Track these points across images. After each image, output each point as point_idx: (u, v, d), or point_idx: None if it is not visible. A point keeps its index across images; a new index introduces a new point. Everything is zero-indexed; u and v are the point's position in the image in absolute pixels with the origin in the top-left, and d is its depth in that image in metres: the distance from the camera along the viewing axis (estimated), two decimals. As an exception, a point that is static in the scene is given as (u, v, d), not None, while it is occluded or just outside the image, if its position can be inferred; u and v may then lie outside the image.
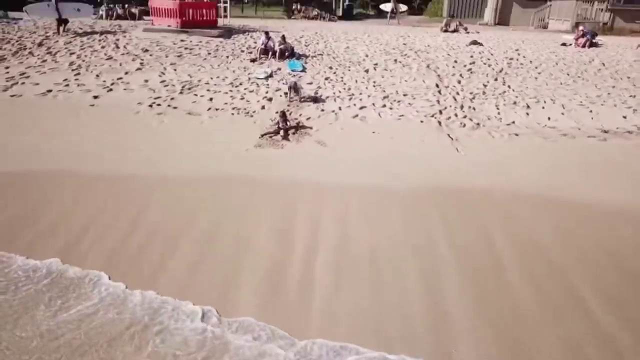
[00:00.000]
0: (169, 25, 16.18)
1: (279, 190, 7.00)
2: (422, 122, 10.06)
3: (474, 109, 10.78)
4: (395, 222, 6.23)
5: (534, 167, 8.16)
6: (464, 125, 9.93)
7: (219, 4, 19.21)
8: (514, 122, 10.14)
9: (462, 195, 7.03)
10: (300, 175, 7.55)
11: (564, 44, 16.84)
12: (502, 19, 27.11)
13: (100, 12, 21.27)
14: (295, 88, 10.77)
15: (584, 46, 16.28)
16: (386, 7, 27.80)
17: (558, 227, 6.20)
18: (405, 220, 6.26)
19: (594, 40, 16.72)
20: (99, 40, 14.92)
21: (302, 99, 10.73)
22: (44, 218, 6.04)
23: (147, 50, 14.00)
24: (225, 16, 19.44)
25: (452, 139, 9.32)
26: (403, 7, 28.78)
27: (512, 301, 4.77)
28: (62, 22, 15.63)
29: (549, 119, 10.34)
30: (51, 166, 7.52)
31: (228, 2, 19.39)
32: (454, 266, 5.28)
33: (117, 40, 15.07)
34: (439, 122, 10.05)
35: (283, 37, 14.10)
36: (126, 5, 21.69)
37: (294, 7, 30.47)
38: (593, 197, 7.05)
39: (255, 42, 15.04)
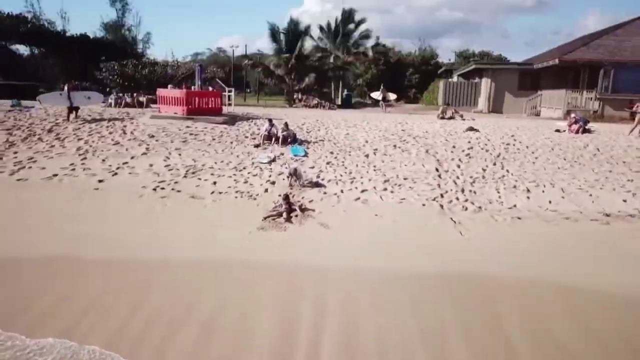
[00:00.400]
0: (175, 113, 16.77)
1: (282, 275, 6.88)
2: (424, 205, 10.11)
3: (474, 192, 10.88)
4: (403, 309, 6.04)
5: (540, 252, 8.08)
6: (466, 209, 9.97)
7: (223, 93, 20.07)
8: (515, 206, 10.18)
9: (471, 281, 6.90)
10: (303, 258, 7.46)
11: (557, 130, 17.36)
12: (496, 107, 28.20)
13: (110, 101, 22.18)
14: (295, 174, 10.88)
15: (577, 132, 16.77)
16: (376, 95, 30.08)
17: (570, 314, 6.02)
18: (414, 308, 6.08)
19: (586, 127, 17.25)
20: (107, 127, 15.39)
21: (303, 184, 10.83)
22: (43, 301, 5.89)
23: (153, 136, 14.39)
24: (230, 104, 20.21)
25: (455, 222, 9.32)
26: (392, 96, 30.53)
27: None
28: (72, 109, 16.23)
29: (550, 202, 10.39)
30: (51, 250, 7.42)
31: (233, 90, 20.24)
32: (465, 356, 5.05)
33: (125, 126, 15.55)
34: (441, 206, 10.09)
35: (286, 124, 14.56)
36: (134, 94, 22.64)
37: (295, 96, 31.82)
38: (603, 284, 6.89)
39: (259, 129, 15.50)
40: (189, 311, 5.78)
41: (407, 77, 47.44)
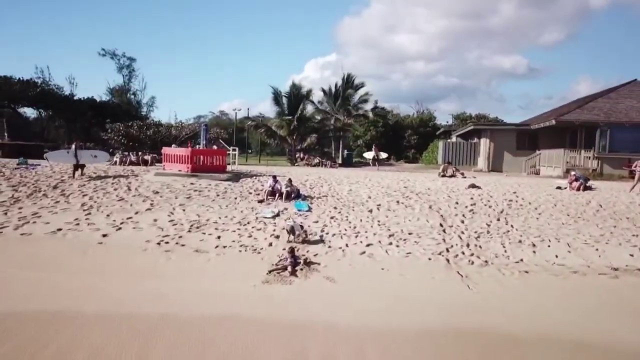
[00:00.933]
0: (179, 170, 16.98)
1: (288, 332, 6.62)
2: (430, 259, 10.03)
3: (480, 247, 10.82)
4: None
5: (548, 306, 7.90)
6: (472, 263, 9.88)
7: (227, 152, 20.40)
8: (522, 260, 10.10)
9: (479, 335, 6.69)
10: (310, 314, 7.22)
11: (559, 188, 17.49)
12: (495, 166, 28.56)
13: (115, 159, 22.50)
14: (293, 230, 10.72)
15: (578, 189, 16.89)
16: (369, 154, 31.35)
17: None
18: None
19: (587, 184, 17.40)
20: (112, 183, 15.53)
21: (302, 240, 10.66)
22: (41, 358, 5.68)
23: (157, 192, 14.49)
24: (234, 162, 20.49)
25: (462, 276, 9.20)
26: (383, 155, 31.49)
27: None
28: (78, 167, 16.44)
29: (556, 256, 10.32)
30: (50, 306, 7.18)
31: (237, 150, 20.58)
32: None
33: (129, 183, 15.70)
34: (447, 260, 10.01)
35: (289, 180, 14.72)
36: (139, 153, 23.00)
37: (297, 155, 32.30)
38: (613, 339, 6.69)
39: (262, 185, 15.65)
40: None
41: (405, 139, 48.44)
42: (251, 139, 54.53)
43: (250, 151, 53.31)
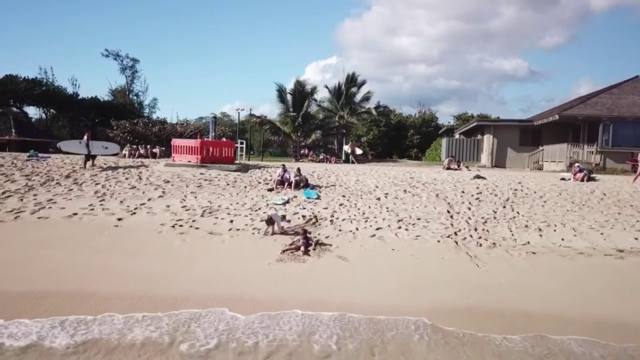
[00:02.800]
0: (189, 161, 17.20)
1: (304, 306, 6.69)
2: (439, 241, 10.25)
3: (487, 231, 11.04)
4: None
5: (556, 283, 8.09)
6: (481, 245, 10.10)
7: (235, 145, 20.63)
8: (529, 242, 10.31)
9: (500, 315, 6.74)
10: (324, 291, 7.38)
11: (562, 179, 17.70)
12: (498, 162, 28.74)
13: (124, 152, 22.73)
14: (271, 221, 9.96)
15: (582, 180, 17.10)
16: (346, 148, 31.02)
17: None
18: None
19: (590, 176, 17.60)
20: (123, 173, 15.77)
21: (282, 232, 10.09)
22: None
23: (168, 181, 14.73)
24: (241, 156, 20.72)
25: (470, 256, 9.42)
26: (358, 151, 30.96)
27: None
28: (90, 157, 16.68)
29: (562, 239, 10.53)
30: (67, 286, 7.20)
31: (244, 143, 20.81)
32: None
33: (140, 172, 15.94)
34: (456, 242, 10.23)
35: (298, 169, 14.94)
36: (148, 146, 23.23)
37: (302, 151, 32.49)
38: (623, 314, 6.89)
39: (271, 176, 15.87)
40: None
41: (408, 138, 48.57)
42: (253, 141, 54.71)
43: (252, 152, 53.49)
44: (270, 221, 10.03)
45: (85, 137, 16.80)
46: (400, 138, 48.61)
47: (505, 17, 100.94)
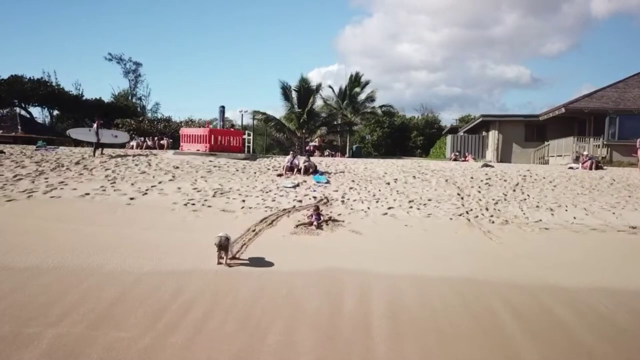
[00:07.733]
0: (197, 150, 17.26)
1: (320, 280, 6.56)
2: (451, 219, 10.26)
3: (499, 210, 11.05)
4: (458, 311, 5.65)
5: (577, 256, 8.09)
6: (493, 222, 10.11)
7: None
8: (541, 220, 10.32)
9: (520, 286, 6.57)
10: (341, 262, 7.31)
11: (570, 168, 17.70)
12: (504, 158, 28.69)
13: (132, 143, 22.78)
14: (222, 245, 7.05)
15: (590, 168, 17.10)
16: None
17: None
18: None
19: (599, 164, 17.60)
20: (133, 160, 15.82)
21: (233, 257, 7.38)
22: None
23: (177, 167, 14.77)
24: (249, 147, 20.74)
25: (484, 231, 9.42)
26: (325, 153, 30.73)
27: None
28: (99, 146, 16.74)
29: (574, 218, 10.54)
30: (84, 259, 7.11)
31: (252, 134, 20.83)
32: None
33: (149, 160, 15.99)
34: (468, 220, 10.24)
35: (308, 156, 14.98)
36: (155, 138, 23.28)
37: (307, 147, 32.54)
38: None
39: (280, 163, 15.90)
40: (229, 310, 5.52)
41: (412, 139, 48.58)
42: (255, 145, 54.72)
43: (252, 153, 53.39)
44: (220, 246, 7.15)
45: (95, 125, 16.86)
46: (403, 139, 48.60)
47: (507, 24, 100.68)
